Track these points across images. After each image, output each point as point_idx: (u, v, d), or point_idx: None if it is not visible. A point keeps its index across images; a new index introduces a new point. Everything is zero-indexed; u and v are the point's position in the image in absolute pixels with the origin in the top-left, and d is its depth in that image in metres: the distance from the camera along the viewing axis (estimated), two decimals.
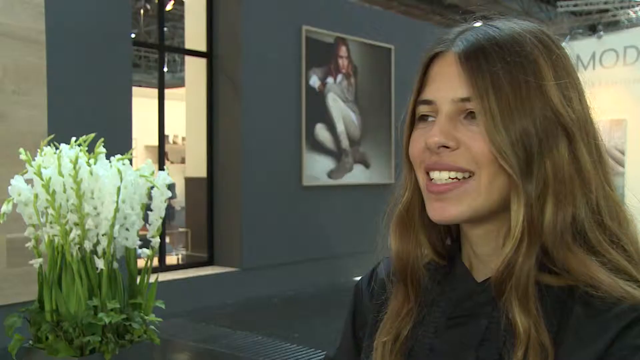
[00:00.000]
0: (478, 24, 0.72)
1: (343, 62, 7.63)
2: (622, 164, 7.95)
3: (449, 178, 0.68)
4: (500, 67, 0.66)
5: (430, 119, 0.71)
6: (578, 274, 0.63)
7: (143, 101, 7.73)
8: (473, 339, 0.69)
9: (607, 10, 12.08)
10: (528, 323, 0.63)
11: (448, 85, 0.69)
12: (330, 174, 7.48)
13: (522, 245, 0.65)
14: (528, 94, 0.66)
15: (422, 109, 0.72)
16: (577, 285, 0.64)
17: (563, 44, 0.71)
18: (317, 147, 7.29)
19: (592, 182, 0.66)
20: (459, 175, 0.68)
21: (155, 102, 6.40)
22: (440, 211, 0.69)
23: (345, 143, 7.67)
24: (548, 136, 0.65)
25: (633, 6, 12.62)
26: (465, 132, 0.67)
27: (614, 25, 12.39)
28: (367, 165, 8.01)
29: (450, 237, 0.79)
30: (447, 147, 0.68)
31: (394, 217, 0.78)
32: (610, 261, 0.64)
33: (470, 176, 0.68)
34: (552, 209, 0.65)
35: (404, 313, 0.75)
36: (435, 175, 0.69)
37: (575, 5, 11.38)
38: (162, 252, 6.40)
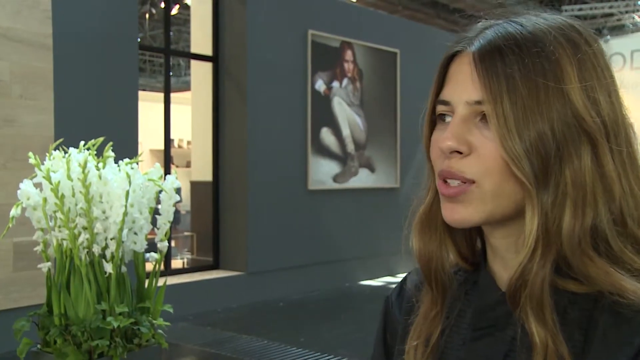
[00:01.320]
0: (499, 21, 0.69)
1: (349, 66, 7.64)
2: None
3: (459, 183, 0.67)
4: (517, 68, 0.63)
5: (447, 118, 0.69)
6: (600, 282, 0.61)
7: (148, 105, 7.75)
8: (498, 351, 0.67)
9: (611, 15, 12.06)
10: (545, 334, 0.61)
11: (462, 87, 0.67)
12: (335, 178, 7.48)
13: (535, 254, 0.62)
14: (546, 97, 0.62)
15: (440, 109, 0.70)
16: (602, 294, 0.61)
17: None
18: (323, 151, 7.30)
19: (615, 190, 0.63)
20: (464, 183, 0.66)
21: (160, 106, 6.41)
22: (451, 213, 0.68)
23: (350, 147, 7.67)
24: (568, 142, 0.62)
25: (638, 10, 12.60)
26: (478, 136, 0.65)
27: (619, 30, 12.38)
28: (372, 169, 8.01)
29: (481, 242, 0.77)
30: (459, 153, 0.66)
31: (416, 218, 0.76)
32: (635, 269, 0.62)
33: (473, 182, 0.65)
34: (570, 217, 0.62)
35: (432, 316, 0.74)
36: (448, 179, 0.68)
37: (580, 10, 11.37)
38: (167, 256, 6.41)
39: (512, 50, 0.64)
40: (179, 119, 7.87)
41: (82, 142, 1.05)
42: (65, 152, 1.01)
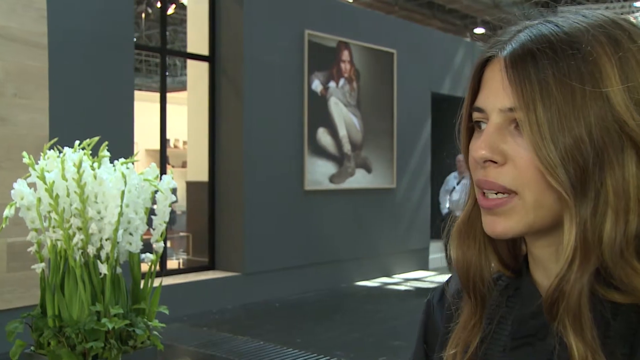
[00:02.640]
0: (534, 22, 0.66)
1: (345, 67, 7.63)
2: None
3: (498, 193, 0.64)
4: (551, 73, 0.60)
5: (483, 126, 0.66)
6: None
7: (144, 105, 7.73)
8: None
9: (619, 15, 12.07)
10: (584, 349, 0.59)
11: (495, 94, 0.64)
12: (332, 179, 7.47)
13: (573, 265, 0.60)
14: (583, 101, 0.59)
15: (476, 116, 0.67)
16: None
17: None
18: (319, 151, 7.29)
19: None
20: (504, 194, 0.64)
21: (155, 105, 6.39)
22: (492, 225, 0.65)
23: (347, 147, 7.67)
24: (608, 148, 0.59)
25: (634, 12, 12.62)
26: (512, 144, 0.63)
27: None
28: (369, 170, 8.00)
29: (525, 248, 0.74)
30: (494, 162, 0.63)
31: (455, 227, 0.73)
32: None
33: (515, 193, 0.63)
34: (611, 226, 0.59)
35: (471, 325, 0.72)
36: (485, 190, 0.66)
37: (576, 11, 11.35)
38: (163, 257, 6.39)
39: (546, 54, 0.61)
40: (175, 119, 7.85)
41: (77, 142, 1.03)
42: (60, 152, 1.00)
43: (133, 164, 1.03)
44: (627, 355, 0.59)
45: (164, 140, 6.49)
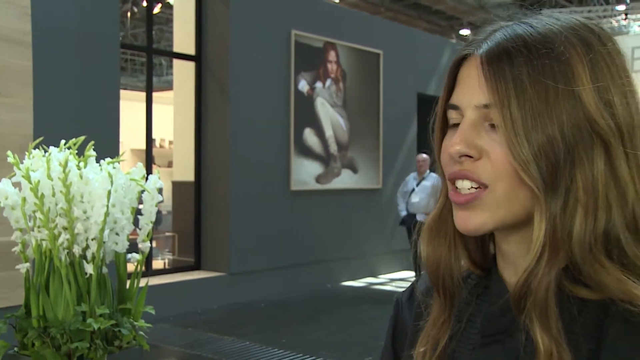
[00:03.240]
0: (509, 23, 0.67)
1: (332, 67, 7.64)
2: None
3: (471, 187, 0.65)
4: (525, 71, 0.61)
5: (457, 123, 0.67)
6: (612, 289, 0.60)
7: (130, 104, 7.69)
8: (507, 358, 0.66)
9: (590, 19, 12.23)
10: (549, 342, 0.60)
11: (470, 91, 0.65)
12: (318, 179, 7.47)
13: (541, 261, 0.61)
14: (556, 99, 0.60)
15: (451, 114, 0.68)
16: (613, 301, 0.60)
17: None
18: (306, 151, 7.29)
19: (628, 194, 0.62)
20: (476, 185, 0.65)
21: (141, 105, 6.36)
22: (464, 221, 0.66)
23: (333, 148, 7.67)
24: (579, 145, 0.60)
25: (615, 15, 12.77)
26: (487, 140, 0.63)
27: None
28: (355, 170, 8.02)
29: (494, 246, 0.75)
30: (470, 157, 0.64)
31: (426, 224, 0.74)
32: None
33: (485, 188, 0.64)
34: (580, 223, 0.60)
35: (441, 323, 0.72)
36: (459, 184, 0.66)
37: (559, 13, 11.48)
38: (148, 257, 6.35)
39: (521, 52, 0.62)
40: (160, 119, 7.81)
41: (63, 141, 1.03)
42: (45, 151, 0.99)
43: (119, 163, 1.03)
44: (593, 351, 0.60)
45: (149, 140, 6.46)
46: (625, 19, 12.54)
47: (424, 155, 7.08)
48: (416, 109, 8.99)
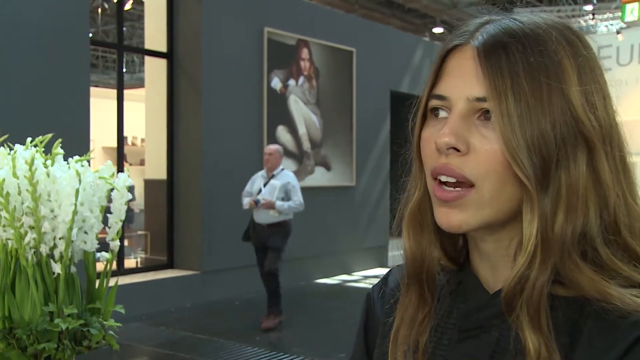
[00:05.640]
0: (498, 17, 0.67)
1: (305, 65, 7.63)
2: None
3: (457, 184, 0.64)
4: (521, 66, 0.61)
5: (441, 113, 0.66)
6: (586, 288, 0.60)
7: (101, 102, 7.60)
8: (483, 353, 0.66)
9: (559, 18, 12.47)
10: (539, 342, 0.60)
11: (464, 82, 0.64)
12: None
13: (535, 260, 0.61)
14: (549, 96, 0.61)
15: (435, 103, 0.67)
16: (588, 299, 0.60)
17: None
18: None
19: (610, 197, 0.62)
20: (461, 180, 0.64)
21: (112, 102, 6.29)
22: (446, 218, 0.65)
23: (306, 145, 7.67)
24: (566, 144, 0.61)
25: (583, 15, 12.98)
26: (477, 135, 0.63)
27: None
28: (328, 168, 8.03)
29: (463, 240, 0.74)
30: (457, 150, 0.63)
31: (406, 217, 0.72)
32: (622, 276, 0.61)
33: (472, 186, 0.63)
34: (561, 222, 0.61)
35: (421, 319, 0.72)
36: (443, 178, 0.65)
37: (531, 12, 11.65)
38: (120, 256, 6.29)
39: (517, 47, 0.62)
40: (132, 116, 7.74)
41: (29, 139, 1.01)
42: (11, 149, 0.97)
43: (88, 161, 1.01)
44: (567, 347, 0.60)
45: (121, 138, 6.39)
46: (592, 19, 12.74)
47: (274, 147, 5.69)
48: (389, 107, 9.03)
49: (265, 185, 5.50)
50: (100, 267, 1.03)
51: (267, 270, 5.52)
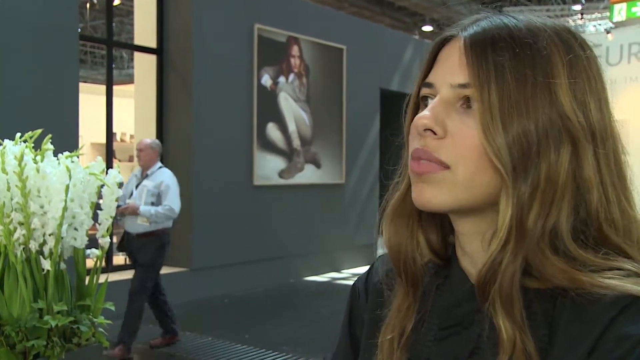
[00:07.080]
0: (495, 14, 0.68)
1: (295, 62, 7.62)
2: None
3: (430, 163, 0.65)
4: (508, 58, 0.62)
5: (430, 102, 0.67)
6: (557, 279, 0.61)
7: (90, 98, 7.55)
8: (465, 349, 0.66)
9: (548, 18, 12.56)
10: (513, 330, 0.60)
11: (448, 69, 0.65)
12: (281, 174, 7.46)
13: (507, 247, 0.61)
14: (534, 91, 0.61)
15: (424, 91, 0.68)
16: (563, 291, 0.61)
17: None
18: (268, 146, 7.27)
19: (592, 193, 0.62)
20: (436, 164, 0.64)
21: (102, 98, 6.25)
22: (420, 193, 0.65)
23: (296, 143, 7.67)
24: (549, 138, 0.61)
25: (572, 15, 13.05)
26: (457, 121, 0.63)
27: None
28: (318, 165, 8.03)
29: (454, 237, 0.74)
30: (434, 133, 0.64)
31: (389, 206, 0.73)
32: (593, 265, 0.61)
33: (447, 168, 0.64)
34: (536, 213, 0.61)
35: (405, 308, 0.72)
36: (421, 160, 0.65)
37: (520, 11, 11.70)
38: (109, 252, 6.26)
39: (505, 40, 0.63)
40: (122, 112, 7.69)
41: (19, 134, 1.00)
42: (0, 144, 0.97)
43: (78, 157, 1.01)
44: (547, 336, 0.61)
45: (110, 134, 6.36)
46: (581, 18, 12.82)
47: (146, 142, 4.80)
48: (379, 104, 9.04)
49: (137, 186, 4.71)
50: (90, 263, 1.02)
51: (131, 289, 4.67)
